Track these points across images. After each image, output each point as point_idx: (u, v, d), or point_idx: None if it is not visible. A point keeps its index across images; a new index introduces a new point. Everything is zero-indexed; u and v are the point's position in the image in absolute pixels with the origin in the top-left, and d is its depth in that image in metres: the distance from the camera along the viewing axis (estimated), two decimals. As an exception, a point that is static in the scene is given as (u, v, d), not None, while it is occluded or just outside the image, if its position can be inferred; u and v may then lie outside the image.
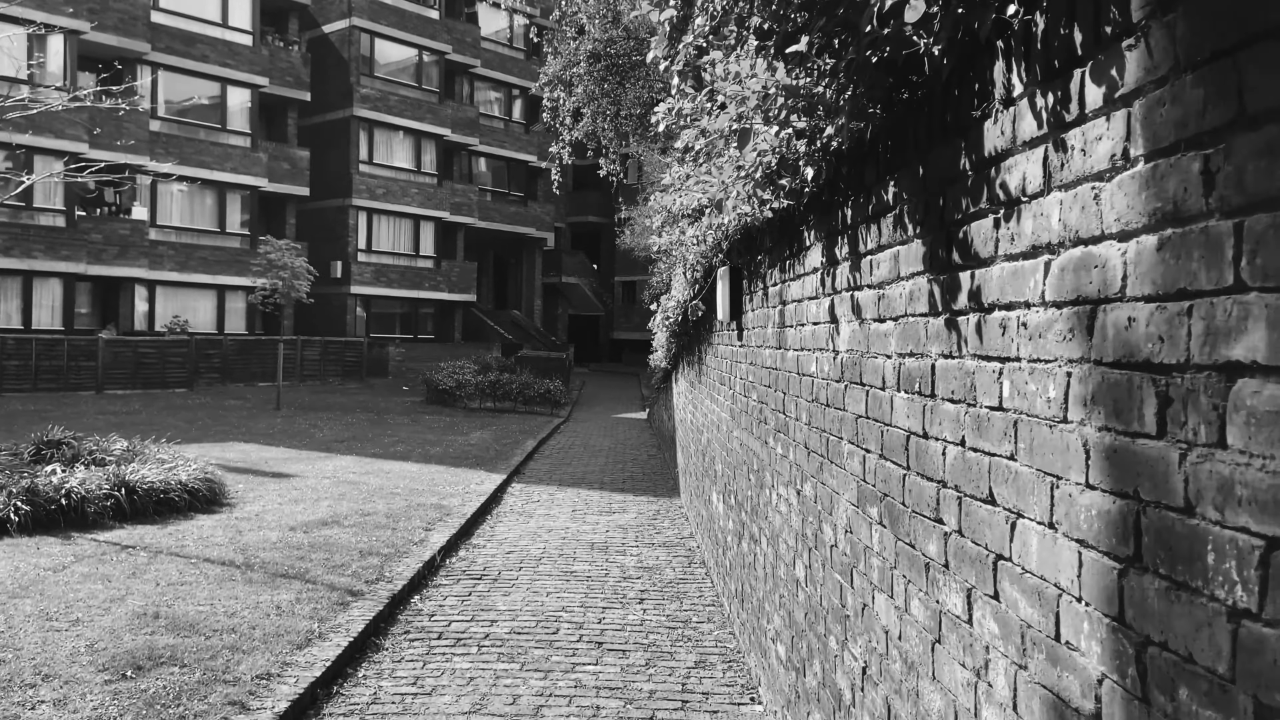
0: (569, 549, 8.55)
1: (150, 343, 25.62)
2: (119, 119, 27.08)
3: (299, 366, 29.19)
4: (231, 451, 14.35)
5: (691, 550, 8.56)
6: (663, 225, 8.10)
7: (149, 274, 28.10)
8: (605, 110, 10.72)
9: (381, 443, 16.10)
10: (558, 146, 11.39)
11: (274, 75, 31.43)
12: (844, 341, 3.04)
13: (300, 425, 18.46)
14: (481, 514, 10.15)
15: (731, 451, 6.04)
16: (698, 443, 8.66)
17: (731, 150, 3.35)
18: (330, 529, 8.53)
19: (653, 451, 16.51)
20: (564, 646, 5.80)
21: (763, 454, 4.74)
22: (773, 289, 4.39)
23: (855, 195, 2.82)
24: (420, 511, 9.63)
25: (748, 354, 5.26)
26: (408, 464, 13.54)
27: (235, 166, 30.26)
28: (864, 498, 2.80)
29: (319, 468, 12.83)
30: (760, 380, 4.79)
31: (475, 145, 38.64)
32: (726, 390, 6.30)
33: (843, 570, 3.07)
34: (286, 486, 11.04)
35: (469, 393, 24.91)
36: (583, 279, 45.71)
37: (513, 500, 11.25)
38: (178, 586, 6.44)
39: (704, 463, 8.02)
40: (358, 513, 9.40)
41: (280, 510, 9.47)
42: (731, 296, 5.47)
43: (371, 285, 34.43)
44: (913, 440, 2.34)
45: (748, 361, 5.29)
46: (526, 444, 16.63)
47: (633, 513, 10.51)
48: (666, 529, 9.59)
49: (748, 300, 5.20)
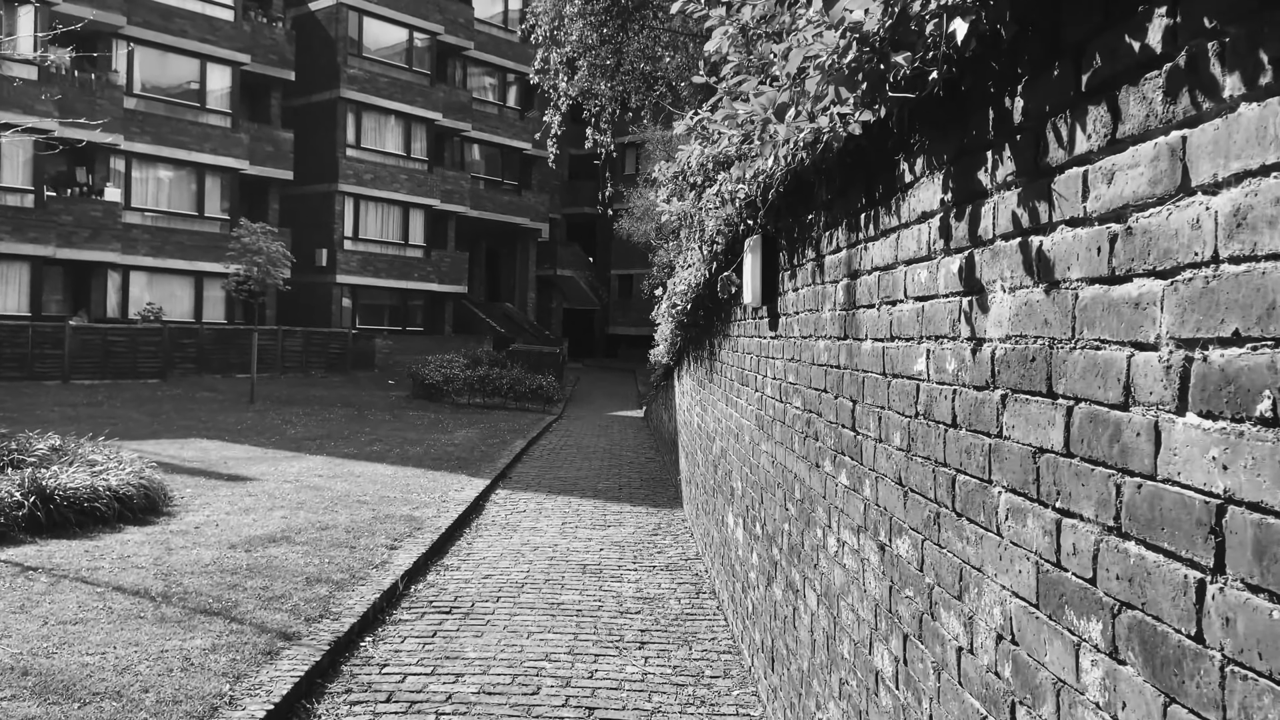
0: (557, 572, 7.35)
1: (121, 331, 24.32)
2: (92, 95, 25.79)
3: (280, 358, 27.92)
4: (189, 449, 13.12)
5: (699, 576, 7.36)
6: (671, 195, 6.91)
7: (122, 259, 26.78)
8: (603, 63, 9.42)
9: (357, 441, 14.87)
10: (550, 113, 10.13)
11: (256, 53, 30.10)
12: (1001, 323, 1.84)
13: (272, 420, 17.22)
14: (459, 527, 8.94)
15: (757, 469, 4.84)
16: (707, 451, 7.46)
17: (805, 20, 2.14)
18: (277, 547, 7.31)
19: (651, 454, 15.31)
20: (546, 715, 4.59)
21: (812, 480, 3.55)
22: (834, 258, 3.19)
23: (1048, 59, 1.62)
24: (387, 524, 8.41)
25: (786, 347, 4.06)
26: (382, 466, 12.32)
27: (215, 147, 28.95)
28: (1057, 596, 1.60)
29: (283, 469, 11.60)
30: (809, 381, 3.59)
31: (468, 131, 37.33)
32: (750, 392, 5.10)
33: (992, 701, 1.87)
34: (240, 492, 9.80)
35: (457, 388, 23.70)
36: (578, 272, 44.46)
37: (496, 510, 10.04)
38: (69, 626, 5.21)
39: (715, 476, 6.82)
40: (315, 525, 8.18)
41: (225, 522, 8.25)
42: (764, 274, 4.26)
43: (358, 275, 33.14)
44: (1238, 514, 1.14)
45: (785, 356, 4.10)
46: (515, 444, 15.43)
47: (630, 526, 9.31)
48: (669, 547, 8.39)
49: (786, 278, 4.00)
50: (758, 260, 4.28)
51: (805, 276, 3.65)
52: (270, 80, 31.31)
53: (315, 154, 32.86)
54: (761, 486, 4.72)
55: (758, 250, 4.27)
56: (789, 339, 4.02)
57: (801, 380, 3.74)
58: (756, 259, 4.27)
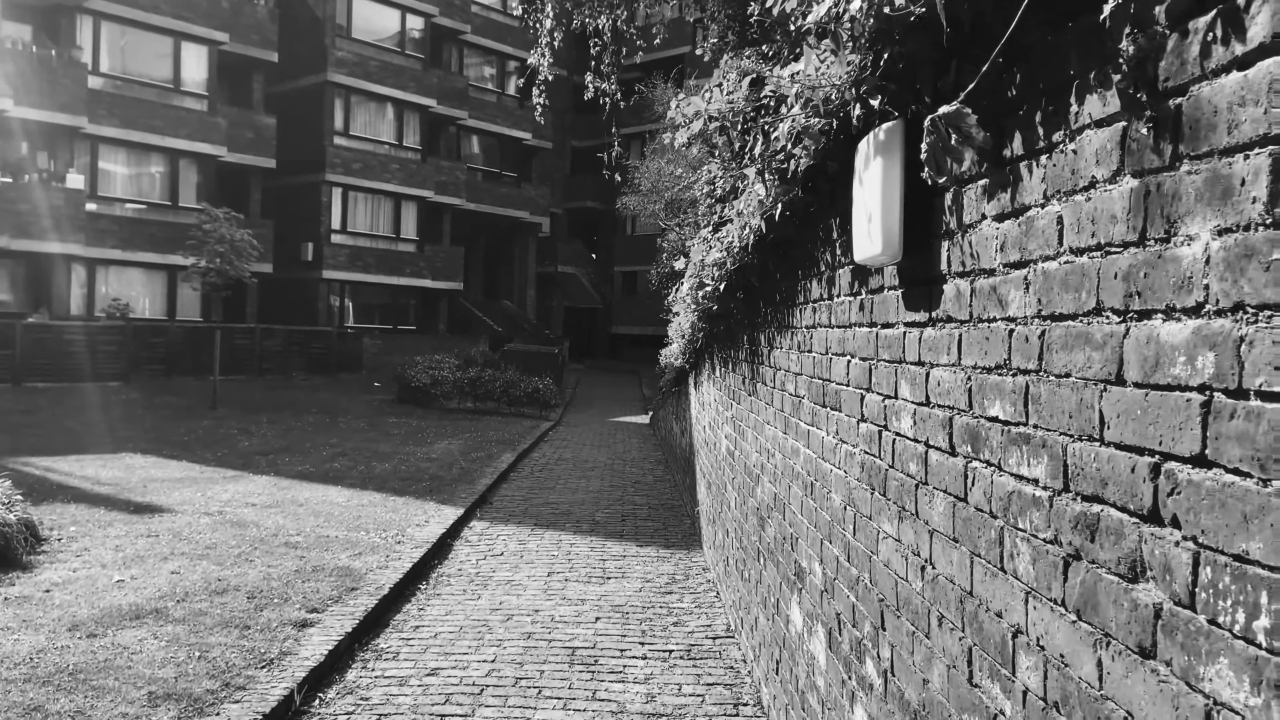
0: (534, 662, 5.22)
1: (78, 329, 22.21)
2: (53, 74, 23.73)
3: (257, 359, 25.83)
4: (112, 468, 11.01)
5: (735, 672, 5.22)
6: (694, 138, 4.84)
7: (87, 251, 24.65)
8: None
9: (318, 455, 12.76)
10: (536, 54, 8.03)
11: (236, 32, 28.01)
12: None
13: (228, 430, 15.11)
14: (412, 581, 6.82)
15: (866, 561, 2.72)
16: (745, 492, 5.33)
17: None
18: (138, 628, 5.19)
19: (659, 471, 13.18)
20: None
21: (1050, 632, 1.44)
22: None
23: None
24: (312, 582, 6.29)
25: (959, 342, 1.96)
26: (337, 489, 10.20)
27: (190, 133, 26.86)
28: None
29: (211, 496, 9.49)
30: (1057, 417, 1.48)
31: (464, 119, 35.21)
32: (847, 422, 2.99)
33: None
34: (138, 531, 7.69)
35: (446, 391, 21.61)
36: (580, 269, 42.36)
37: (466, 553, 7.91)
38: None
39: (763, 535, 4.70)
40: (210, 587, 6.06)
41: (91, 581, 6.13)
42: (906, 204, 2.15)
43: (347, 270, 31.06)
44: None
45: (952, 361, 2.00)
46: (502, 458, 13.31)
47: (636, 579, 7.18)
48: (688, 615, 6.26)
49: (975, 198, 1.90)
50: (893, 175, 2.16)
51: (1059, 171, 1.54)
52: (251, 62, 29.22)
53: (301, 142, 30.80)
54: (880, 599, 2.59)
55: (894, 153, 2.15)
56: (973, 326, 1.90)
57: (1018, 412, 1.64)
58: (892, 171, 2.16)
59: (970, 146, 1.44)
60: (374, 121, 32.36)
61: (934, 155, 1.52)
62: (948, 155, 1.51)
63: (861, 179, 2.35)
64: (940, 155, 1.51)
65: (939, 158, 1.51)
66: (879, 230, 2.21)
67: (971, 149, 1.45)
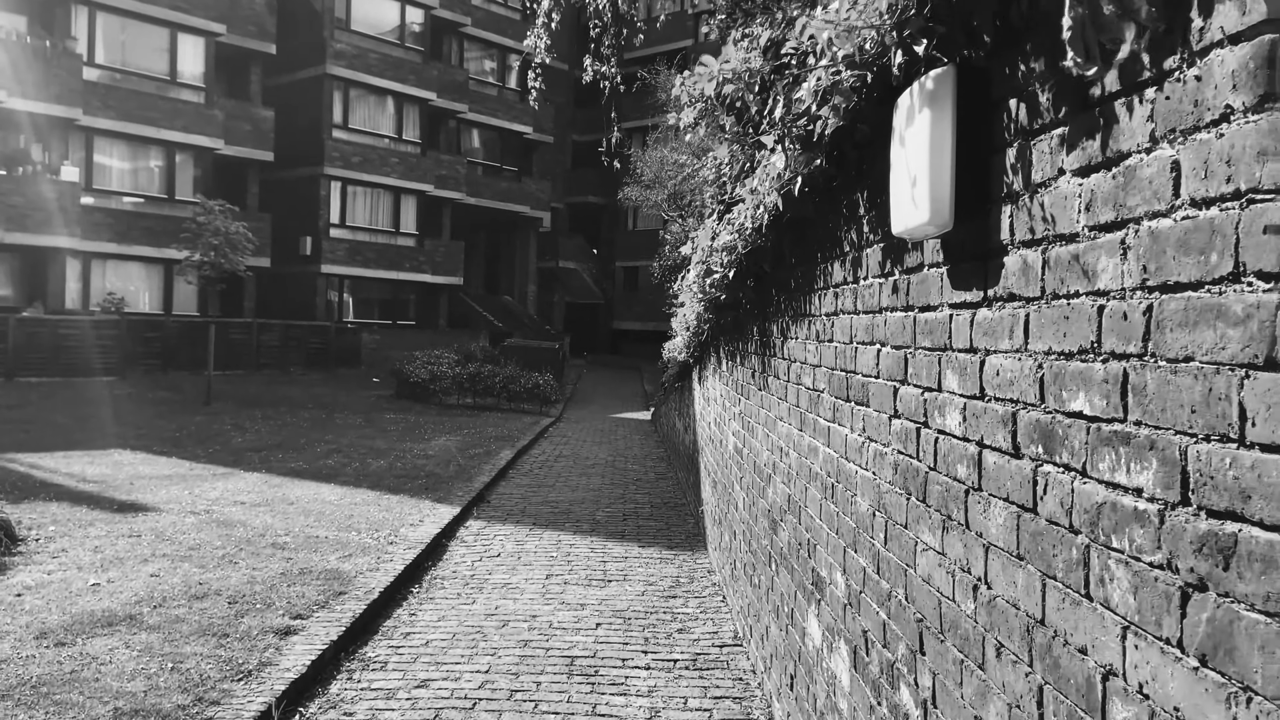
0: (530, 674, 4.92)
1: (72, 323, 21.91)
2: (47, 65, 23.41)
3: (255, 354, 25.55)
4: (99, 465, 10.72)
5: (744, 684, 4.92)
6: (700, 117, 4.58)
7: (82, 245, 24.33)
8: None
9: (312, 452, 12.46)
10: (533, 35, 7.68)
11: (233, 23, 27.67)
12: None
13: (221, 426, 14.81)
14: (405, 584, 6.52)
15: (900, 575, 2.42)
16: (754, 492, 5.02)
17: None
18: (110, 636, 4.88)
19: (661, 468, 12.88)
20: None
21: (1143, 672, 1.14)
22: None
23: None
24: (298, 586, 5.99)
25: (1028, 323, 1.65)
26: (329, 488, 9.90)
27: (186, 125, 26.53)
28: None
29: (199, 494, 9.19)
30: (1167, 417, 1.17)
31: (464, 113, 34.87)
32: (876, 418, 2.68)
33: None
34: (120, 531, 7.39)
35: (445, 386, 21.31)
36: (581, 264, 42.02)
37: (462, 554, 7.61)
38: None
39: (775, 539, 4.39)
40: (189, 592, 5.76)
41: (66, 584, 5.83)
42: (959, 160, 1.84)
43: (345, 265, 30.74)
44: None
45: (1014, 346, 1.70)
46: (501, 455, 13.01)
47: (638, 581, 6.87)
48: (693, 622, 5.95)
49: (1050, 148, 1.59)
50: (943, 129, 1.85)
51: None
52: (249, 54, 28.88)
53: (299, 135, 30.47)
54: (918, 619, 2.28)
55: (944, 104, 1.84)
56: (1046, 303, 1.60)
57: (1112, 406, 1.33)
58: (941, 125, 1.85)
59: (1132, 19, 1.11)
60: (373, 115, 32.04)
61: (1080, 35, 1.18)
62: (1102, 32, 1.15)
63: (903, 138, 2.03)
64: (1089, 35, 1.17)
65: (1088, 38, 1.18)
66: (925, 195, 1.90)
67: (1133, 23, 1.12)
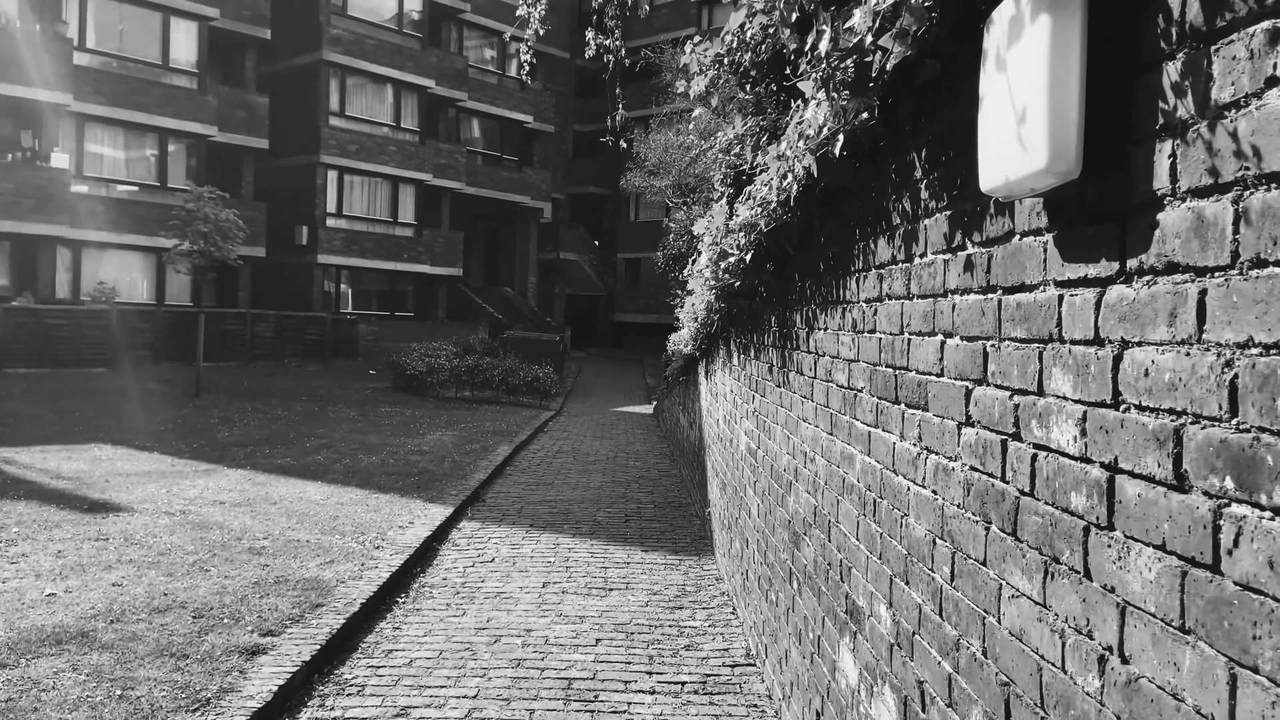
0: (522, 702, 4.44)
1: (60, 313, 21.42)
2: (36, 49, 22.86)
3: (249, 345, 25.06)
4: (77, 460, 10.24)
5: (757, 705, 4.44)
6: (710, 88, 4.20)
7: (72, 233, 23.81)
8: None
9: (301, 447, 11.98)
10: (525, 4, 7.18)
11: (227, 8, 27.10)
12: None
13: (209, 419, 14.34)
14: (389, 593, 6.04)
15: (969, 623, 1.94)
16: (772, 500, 4.54)
17: None
18: (56, 657, 4.41)
19: (665, 464, 12.40)
20: None
21: None
22: None
23: None
24: (273, 596, 5.51)
25: (1179, 300, 1.18)
26: (316, 485, 9.43)
27: (179, 111, 25.99)
28: None
29: (177, 492, 8.72)
30: None
31: (464, 101, 34.30)
32: (937, 424, 2.20)
33: None
34: (88, 532, 6.92)
35: (442, 379, 20.83)
36: (582, 255, 41.46)
37: (453, 558, 7.14)
38: None
39: (795, 554, 3.91)
40: (152, 604, 5.28)
41: (17, 595, 5.35)
42: (1090, 85, 1.36)
43: (342, 255, 30.23)
44: None
45: (1174, 331, 1.22)
46: (498, 451, 12.53)
47: (641, 590, 6.39)
48: (702, 638, 5.48)
49: (1240, 55, 1.11)
50: (1069, 37, 1.36)
51: None
52: (243, 39, 28.33)
53: (295, 122, 29.93)
54: (1003, 682, 1.79)
55: (1070, 4, 1.36)
56: (1240, 275, 1.11)
57: None
58: (1067, 31, 1.36)
59: None
60: (371, 102, 31.48)
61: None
62: None
63: (1002, 61, 1.54)
64: None
65: None
66: (1040, 132, 1.41)
67: None
